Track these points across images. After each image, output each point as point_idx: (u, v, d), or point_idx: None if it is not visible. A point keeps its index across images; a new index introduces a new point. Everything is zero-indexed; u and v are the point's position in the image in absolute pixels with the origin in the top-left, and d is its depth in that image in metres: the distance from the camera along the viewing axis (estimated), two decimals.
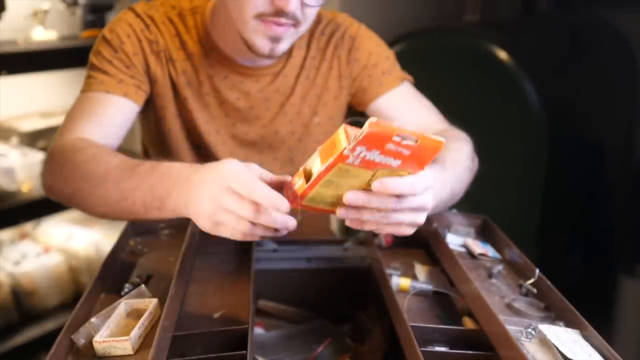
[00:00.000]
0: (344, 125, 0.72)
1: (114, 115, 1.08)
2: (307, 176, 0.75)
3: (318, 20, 1.23)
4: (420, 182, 0.75)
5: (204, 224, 0.77)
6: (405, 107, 1.21)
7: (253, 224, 0.74)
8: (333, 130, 1.23)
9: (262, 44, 1.04)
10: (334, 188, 0.75)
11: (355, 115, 1.27)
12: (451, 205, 1.02)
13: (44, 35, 2.10)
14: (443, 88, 1.29)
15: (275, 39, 1.03)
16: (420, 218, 0.79)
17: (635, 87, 2.38)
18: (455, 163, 1.00)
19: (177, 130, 1.19)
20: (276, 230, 0.76)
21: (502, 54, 1.89)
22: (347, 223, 0.78)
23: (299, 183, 0.76)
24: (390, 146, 0.69)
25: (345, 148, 0.69)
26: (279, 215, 0.74)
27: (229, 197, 0.73)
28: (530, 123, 1.89)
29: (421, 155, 0.73)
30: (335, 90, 1.24)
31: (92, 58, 1.13)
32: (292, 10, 0.99)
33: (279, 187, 0.77)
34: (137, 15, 1.14)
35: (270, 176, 0.79)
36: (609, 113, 2.31)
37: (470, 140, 1.13)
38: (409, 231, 0.80)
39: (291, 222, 0.75)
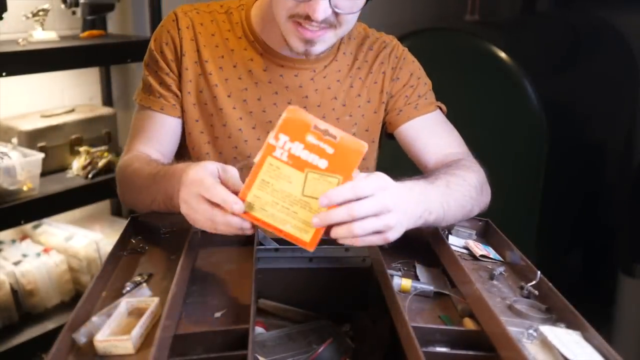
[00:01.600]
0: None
1: (159, 131, 1.20)
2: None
3: (366, 35, 1.26)
4: (362, 185, 0.81)
5: (188, 220, 0.89)
6: (432, 134, 1.22)
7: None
8: (367, 142, 1.24)
9: (297, 44, 1.07)
10: (271, 192, 0.80)
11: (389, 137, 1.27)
12: (447, 224, 1.02)
13: (44, 35, 2.10)
14: (443, 88, 1.29)
15: (309, 42, 1.06)
16: (388, 219, 0.83)
17: (635, 87, 2.38)
18: (451, 185, 1.01)
19: (196, 134, 1.20)
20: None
21: (502, 54, 1.89)
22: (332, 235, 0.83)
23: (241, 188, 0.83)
24: (311, 139, 0.77)
25: (270, 139, 0.78)
26: (234, 218, 0.82)
27: (196, 201, 0.85)
28: (530, 123, 1.89)
29: (345, 157, 0.79)
30: (375, 104, 1.25)
31: (143, 68, 1.22)
32: (320, 18, 1.00)
33: None
34: (174, 19, 1.19)
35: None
36: (609, 113, 2.31)
37: (483, 173, 1.13)
38: (390, 236, 0.85)
39: (245, 225, 0.83)
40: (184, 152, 1.24)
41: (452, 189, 1.01)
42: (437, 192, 0.97)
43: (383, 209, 0.82)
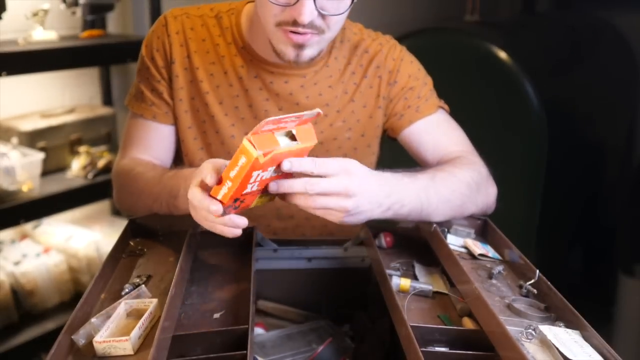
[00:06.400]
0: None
1: (153, 139, 1.20)
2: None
3: (361, 37, 1.23)
4: (326, 162, 0.83)
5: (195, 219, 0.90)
6: (434, 135, 1.21)
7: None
8: (363, 147, 1.25)
9: (287, 51, 1.04)
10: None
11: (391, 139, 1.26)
12: (436, 219, 1.02)
13: (44, 35, 2.09)
14: (443, 88, 1.28)
15: (299, 46, 1.03)
16: (346, 203, 0.85)
17: (635, 87, 2.38)
18: (436, 179, 1.01)
19: (190, 140, 1.20)
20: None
21: (502, 54, 1.89)
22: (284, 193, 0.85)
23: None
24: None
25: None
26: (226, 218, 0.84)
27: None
28: (530, 123, 1.89)
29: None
30: (371, 109, 1.22)
31: (136, 73, 1.22)
32: (306, 21, 0.98)
33: None
34: (164, 24, 1.17)
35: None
36: (609, 113, 2.31)
37: (483, 172, 1.13)
38: (347, 219, 0.87)
39: (241, 222, 0.85)
40: (181, 157, 1.23)
41: (436, 182, 1.01)
42: (416, 184, 0.97)
43: (342, 192, 0.84)
